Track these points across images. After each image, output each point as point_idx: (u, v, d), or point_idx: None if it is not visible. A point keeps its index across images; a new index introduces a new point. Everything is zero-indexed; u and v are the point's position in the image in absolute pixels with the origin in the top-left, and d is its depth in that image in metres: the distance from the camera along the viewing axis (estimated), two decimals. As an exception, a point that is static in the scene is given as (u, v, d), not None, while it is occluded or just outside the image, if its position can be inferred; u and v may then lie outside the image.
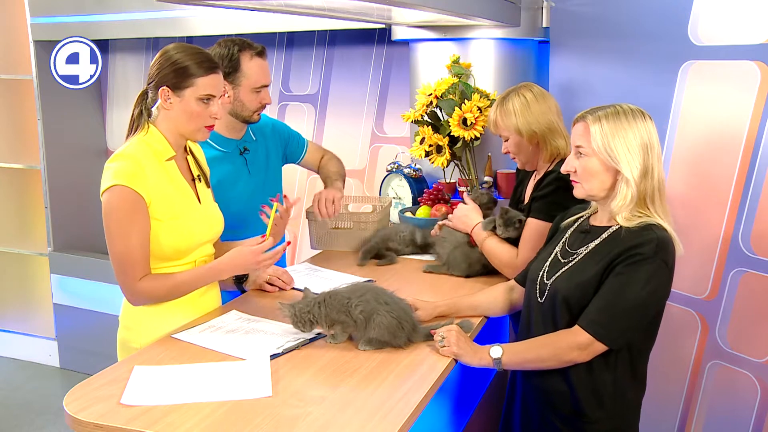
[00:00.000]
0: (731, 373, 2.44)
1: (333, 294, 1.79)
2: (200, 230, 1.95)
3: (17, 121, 4.30)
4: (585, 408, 1.71)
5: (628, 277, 1.62)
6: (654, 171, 1.65)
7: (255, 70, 2.26)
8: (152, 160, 1.86)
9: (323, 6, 2.55)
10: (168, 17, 3.58)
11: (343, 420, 1.44)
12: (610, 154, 1.64)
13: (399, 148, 3.28)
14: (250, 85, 2.26)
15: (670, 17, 2.46)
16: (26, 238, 4.40)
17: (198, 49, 1.91)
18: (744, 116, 2.33)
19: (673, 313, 2.53)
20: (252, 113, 2.32)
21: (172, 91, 1.86)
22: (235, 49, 2.24)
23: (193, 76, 1.86)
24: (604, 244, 1.69)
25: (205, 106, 1.89)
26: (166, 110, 1.88)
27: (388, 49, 3.49)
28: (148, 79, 1.91)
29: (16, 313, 4.47)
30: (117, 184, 1.79)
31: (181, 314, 1.94)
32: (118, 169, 1.81)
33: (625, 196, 1.65)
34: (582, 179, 1.70)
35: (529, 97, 2.18)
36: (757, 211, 2.32)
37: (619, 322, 1.63)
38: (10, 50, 4.18)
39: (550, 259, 1.80)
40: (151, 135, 1.89)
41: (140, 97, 1.92)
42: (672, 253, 1.65)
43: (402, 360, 1.72)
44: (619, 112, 1.66)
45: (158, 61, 1.88)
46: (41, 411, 3.73)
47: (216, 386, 1.58)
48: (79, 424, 1.45)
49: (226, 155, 2.34)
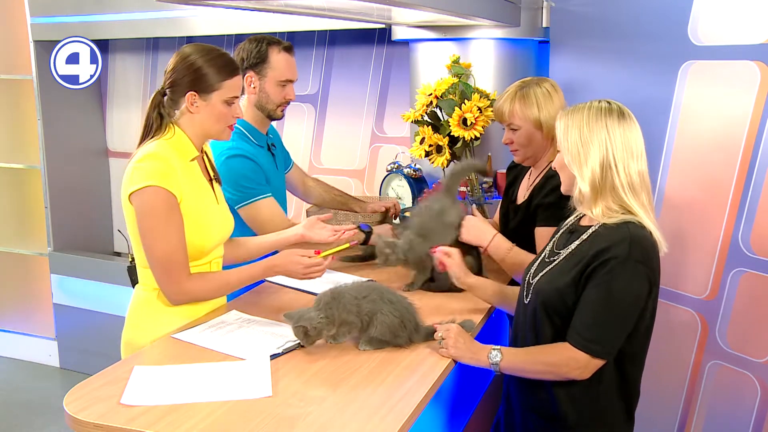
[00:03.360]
0: (731, 373, 2.44)
1: (339, 294, 1.77)
2: (219, 230, 1.99)
3: (17, 121, 4.30)
4: (565, 414, 1.70)
5: (608, 286, 1.60)
6: (618, 166, 1.63)
7: (282, 63, 2.34)
8: (179, 161, 1.88)
9: (323, 6, 2.56)
10: (168, 17, 3.59)
11: (343, 420, 1.44)
12: (568, 147, 1.67)
13: (399, 148, 3.28)
14: (275, 77, 2.34)
15: (670, 17, 2.45)
16: (26, 238, 4.40)
17: (217, 51, 1.93)
18: (744, 116, 2.33)
19: (673, 313, 2.53)
20: (276, 107, 2.38)
21: (199, 95, 1.88)
22: (264, 42, 2.33)
23: (219, 80, 1.89)
24: (583, 243, 1.68)
25: (230, 107, 1.93)
26: (192, 113, 1.90)
27: (388, 49, 3.50)
28: (166, 82, 1.91)
29: (16, 313, 4.47)
30: (151, 184, 1.80)
31: (186, 314, 1.94)
32: (150, 169, 1.82)
33: (578, 191, 1.66)
34: (558, 173, 1.75)
35: (550, 90, 2.16)
36: (757, 211, 2.31)
37: (609, 334, 1.62)
38: (10, 50, 4.18)
39: (539, 259, 1.80)
40: (176, 136, 1.90)
41: (155, 98, 1.92)
42: (647, 249, 1.62)
43: (402, 360, 1.72)
44: (584, 108, 1.68)
45: (180, 66, 1.89)
46: (41, 411, 3.73)
47: (216, 386, 1.58)
48: (79, 424, 1.45)
49: (260, 150, 2.40)
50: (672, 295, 2.53)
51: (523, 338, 1.78)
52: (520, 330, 1.80)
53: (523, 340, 1.77)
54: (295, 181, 2.71)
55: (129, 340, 1.95)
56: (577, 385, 1.67)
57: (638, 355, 1.72)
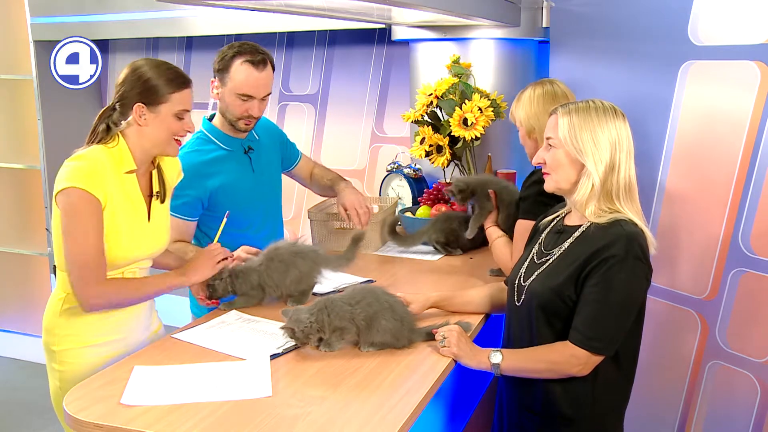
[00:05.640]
0: (731, 373, 2.44)
1: (332, 302, 1.77)
2: (139, 248, 1.92)
3: (17, 121, 4.30)
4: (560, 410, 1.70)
5: (607, 284, 1.62)
6: (621, 167, 1.65)
7: (241, 75, 2.25)
8: (112, 169, 1.84)
9: (323, 6, 2.56)
10: (168, 17, 3.59)
11: (343, 420, 1.44)
12: (576, 146, 1.65)
13: (399, 148, 3.28)
14: (233, 89, 2.27)
15: (670, 17, 2.45)
16: (26, 238, 4.40)
17: (168, 65, 1.91)
18: (744, 116, 2.33)
19: (673, 313, 2.53)
20: (236, 119, 2.30)
21: (147, 107, 1.86)
22: (233, 50, 2.26)
23: (168, 93, 1.86)
24: (576, 244, 1.69)
25: (181, 121, 1.90)
26: (140, 126, 1.87)
27: (388, 49, 3.50)
28: (116, 95, 1.89)
29: (16, 313, 4.47)
30: (74, 186, 1.77)
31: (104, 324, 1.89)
32: (78, 169, 1.79)
33: (586, 189, 1.66)
34: (551, 170, 1.72)
35: (537, 92, 2.16)
36: (757, 211, 2.31)
37: (611, 330, 1.64)
38: (10, 50, 4.18)
39: (527, 261, 1.80)
40: (117, 147, 1.87)
41: (105, 112, 1.91)
42: (643, 247, 1.64)
43: (402, 360, 1.72)
44: (590, 107, 1.68)
45: (129, 77, 1.87)
46: (41, 411, 3.72)
47: (216, 386, 1.58)
48: (79, 424, 1.45)
49: (230, 154, 2.36)
50: (672, 295, 2.53)
51: (518, 340, 1.78)
52: (514, 332, 1.81)
53: (518, 342, 1.78)
54: (303, 174, 2.68)
55: (44, 344, 1.92)
56: (572, 380, 1.68)
57: (631, 349, 1.73)
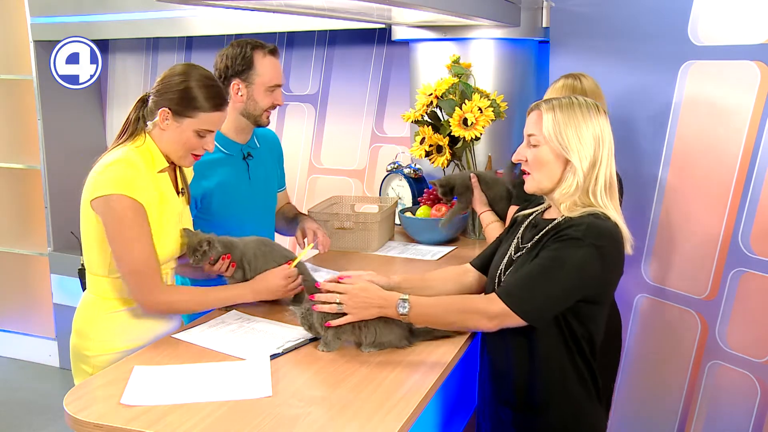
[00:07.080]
0: (731, 373, 2.44)
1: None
2: (176, 246, 1.93)
3: (17, 121, 4.30)
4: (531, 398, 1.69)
5: (554, 255, 1.60)
6: (602, 164, 1.64)
7: (268, 67, 2.25)
8: (146, 170, 1.83)
9: (323, 6, 2.56)
10: (168, 17, 3.59)
11: (343, 420, 1.44)
12: (561, 142, 1.63)
13: (399, 148, 3.28)
14: (263, 83, 2.25)
15: (670, 17, 2.46)
16: (26, 238, 4.40)
17: (212, 80, 1.87)
18: (744, 116, 2.33)
19: (673, 313, 2.54)
20: (262, 113, 2.29)
21: (173, 114, 1.83)
22: (248, 47, 2.24)
23: (199, 110, 1.83)
24: (544, 235, 1.67)
25: (200, 139, 1.87)
26: (161, 129, 1.85)
27: (388, 49, 3.50)
28: (154, 87, 1.86)
29: (16, 313, 4.47)
30: (117, 193, 1.75)
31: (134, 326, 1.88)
32: (118, 175, 1.77)
33: (570, 185, 1.64)
34: (533, 169, 1.69)
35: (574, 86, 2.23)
36: (757, 211, 2.32)
37: (536, 298, 1.60)
38: (10, 50, 4.18)
39: (506, 255, 1.78)
40: (146, 145, 1.85)
41: (139, 102, 1.89)
42: (610, 242, 1.61)
43: (402, 360, 1.72)
44: (573, 103, 1.66)
45: (170, 79, 1.84)
46: (41, 411, 3.73)
47: (216, 386, 1.58)
48: (79, 424, 1.45)
49: (228, 158, 2.31)
50: (672, 295, 2.53)
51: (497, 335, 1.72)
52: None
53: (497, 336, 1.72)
54: (279, 202, 2.60)
55: (75, 347, 1.89)
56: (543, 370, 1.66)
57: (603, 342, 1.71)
